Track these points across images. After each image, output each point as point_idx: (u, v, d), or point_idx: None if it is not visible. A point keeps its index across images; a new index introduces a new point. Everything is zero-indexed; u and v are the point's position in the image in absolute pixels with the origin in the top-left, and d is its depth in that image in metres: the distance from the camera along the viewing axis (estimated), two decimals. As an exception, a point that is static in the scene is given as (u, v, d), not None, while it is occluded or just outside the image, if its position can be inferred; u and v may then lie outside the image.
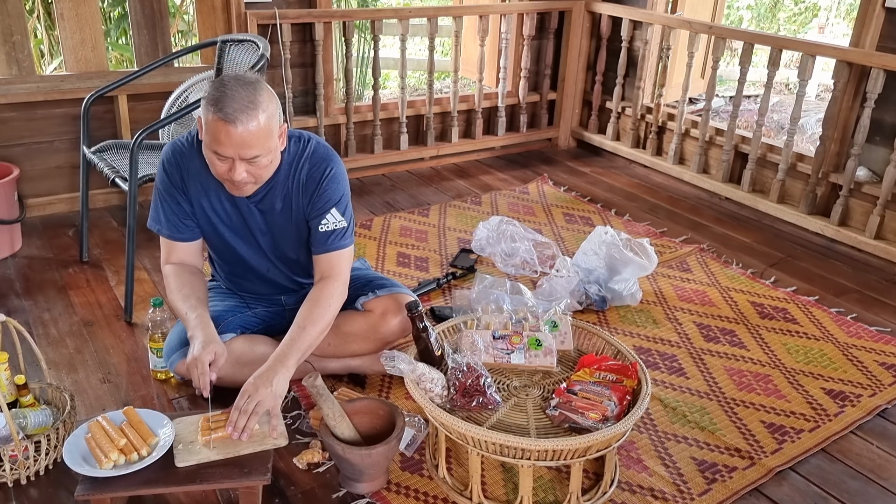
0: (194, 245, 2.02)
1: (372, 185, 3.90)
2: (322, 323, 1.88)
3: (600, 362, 1.87)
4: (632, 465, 1.94)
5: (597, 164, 4.34)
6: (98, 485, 1.60)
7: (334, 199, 1.94)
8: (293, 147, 1.94)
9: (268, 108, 1.73)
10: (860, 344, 2.54)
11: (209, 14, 3.43)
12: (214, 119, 1.69)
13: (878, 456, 2.03)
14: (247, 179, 1.80)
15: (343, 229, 1.96)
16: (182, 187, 1.94)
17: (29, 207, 3.20)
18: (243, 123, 1.68)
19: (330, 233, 1.94)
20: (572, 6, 4.28)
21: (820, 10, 7.71)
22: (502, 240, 3.02)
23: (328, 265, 1.96)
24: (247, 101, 1.69)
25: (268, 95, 1.75)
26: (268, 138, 1.75)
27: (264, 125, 1.72)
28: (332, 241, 1.95)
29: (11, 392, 1.87)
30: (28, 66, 3.18)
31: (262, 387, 1.71)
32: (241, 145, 1.71)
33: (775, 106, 5.59)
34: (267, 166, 1.82)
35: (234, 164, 1.75)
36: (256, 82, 1.75)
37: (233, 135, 1.69)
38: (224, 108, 1.67)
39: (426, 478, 1.87)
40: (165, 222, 1.98)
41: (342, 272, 1.97)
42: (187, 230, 1.99)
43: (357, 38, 5.20)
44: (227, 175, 1.78)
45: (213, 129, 1.71)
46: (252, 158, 1.75)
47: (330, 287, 1.93)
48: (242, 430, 1.67)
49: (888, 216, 3.21)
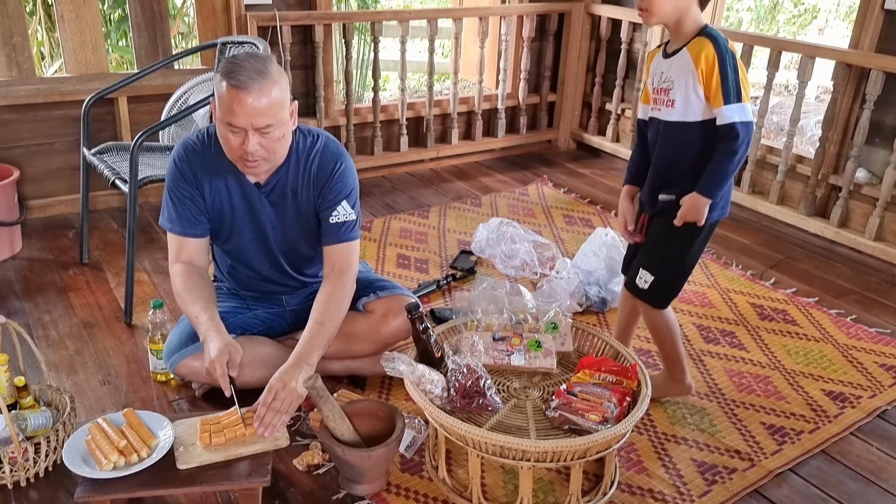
0: (203, 242, 2.02)
1: (372, 186, 3.90)
2: (339, 318, 1.91)
3: (600, 364, 1.87)
4: (632, 466, 1.94)
5: (596, 166, 4.34)
6: (98, 486, 1.60)
7: (345, 191, 1.98)
8: (304, 140, 1.97)
9: (279, 80, 1.78)
10: (860, 345, 2.54)
11: (209, 16, 3.44)
12: (228, 88, 1.73)
13: (877, 457, 2.03)
14: (260, 153, 1.81)
15: (353, 222, 1.99)
16: (195, 182, 1.96)
17: (29, 209, 3.21)
18: (256, 91, 1.72)
19: (341, 224, 1.97)
20: (572, 8, 4.29)
21: (819, 12, 7.71)
22: (502, 241, 3.02)
23: (340, 256, 1.98)
24: (258, 71, 1.74)
25: (278, 69, 1.80)
26: (279, 109, 1.78)
27: (276, 95, 1.76)
28: (344, 231, 1.98)
29: (11, 394, 1.87)
30: (28, 68, 3.18)
31: (288, 383, 1.73)
32: (254, 114, 1.74)
33: (775, 107, 5.59)
34: (279, 140, 1.83)
35: (248, 135, 1.77)
36: (267, 57, 1.82)
37: (245, 102, 1.72)
38: (237, 75, 1.72)
39: (426, 479, 1.87)
40: (178, 219, 1.98)
41: (353, 264, 2.00)
42: (199, 225, 1.99)
43: (357, 39, 5.21)
44: (240, 150, 1.80)
45: (227, 100, 1.74)
46: (264, 128, 1.77)
47: (343, 280, 1.96)
48: (270, 427, 1.69)
49: (888, 218, 3.21)
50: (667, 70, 1.89)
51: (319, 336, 1.85)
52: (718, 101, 1.78)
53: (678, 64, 1.85)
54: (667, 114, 1.90)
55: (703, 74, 1.79)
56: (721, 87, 1.77)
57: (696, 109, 1.84)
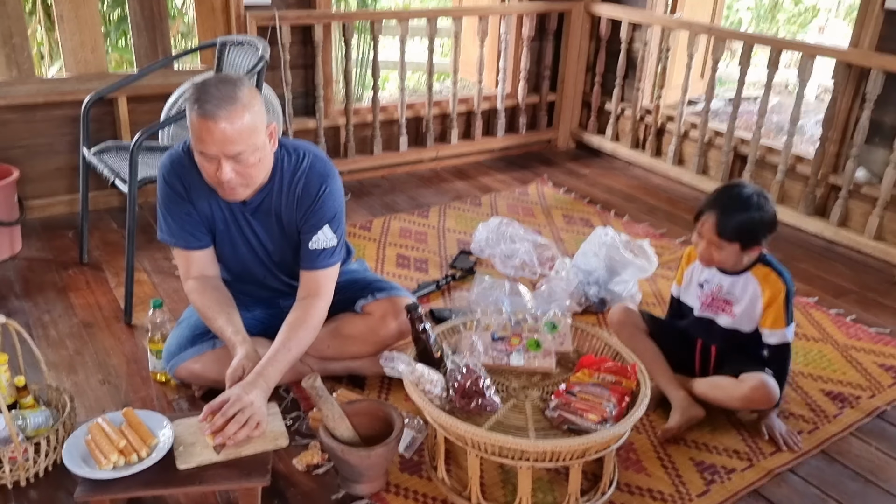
0: (209, 252, 2.01)
1: (371, 186, 3.90)
2: (305, 344, 1.88)
3: (599, 364, 1.87)
4: (630, 466, 1.94)
5: (596, 166, 4.34)
6: (97, 486, 1.60)
7: (328, 216, 1.93)
8: (289, 159, 1.92)
9: (249, 104, 1.72)
10: (859, 345, 2.55)
11: (209, 16, 3.44)
12: (195, 117, 1.69)
13: (876, 457, 2.03)
14: (236, 181, 1.78)
15: (333, 248, 1.94)
16: (186, 196, 1.93)
17: (29, 209, 3.21)
18: (224, 119, 1.68)
19: (320, 251, 1.93)
20: (572, 7, 4.29)
21: (819, 11, 7.71)
22: (502, 241, 3.02)
23: (315, 284, 1.94)
24: (226, 97, 1.68)
25: (250, 92, 1.75)
26: (251, 134, 1.73)
27: (247, 121, 1.71)
28: (321, 259, 1.94)
29: (11, 394, 1.87)
30: (28, 68, 3.18)
31: (244, 396, 1.67)
32: (224, 141, 1.70)
33: (774, 107, 5.59)
34: (255, 165, 1.79)
35: (221, 163, 1.73)
36: (238, 80, 1.75)
37: (214, 131, 1.68)
38: (204, 104, 1.67)
39: (425, 479, 1.87)
40: (179, 232, 1.95)
41: (327, 291, 1.96)
42: (202, 237, 1.97)
43: (356, 39, 5.20)
44: (215, 177, 1.77)
45: (197, 128, 1.71)
46: (236, 155, 1.73)
47: (314, 307, 1.92)
48: (226, 436, 1.63)
49: (887, 217, 3.21)
50: (729, 286, 2.09)
51: (283, 359, 1.81)
52: (780, 324, 2.02)
53: (743, 285, 2.07)
54: (724, 320, 2.11)
55: (768, 302, 2.03)
56: (784, 314, 2.02)
57: (749, 322, 2.08)
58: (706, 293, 2.14)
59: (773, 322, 2.02)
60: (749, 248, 2.00)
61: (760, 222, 1.98)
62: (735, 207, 1.97)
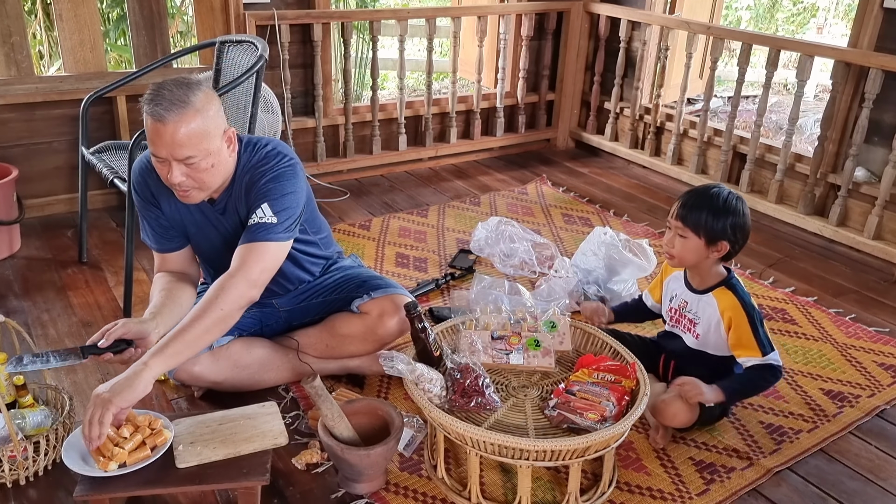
0: (183, 254, 2.04)
1: (370, 185, 3.90)
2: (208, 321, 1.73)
3: (599, 363, 1.87)
4: (630, 465, 1.94)
5: (595, 165, 4.34)
6: (97, 485, 1.60)
7: (270, 196, 1.84)
8: (247, 155, 1.90)
9: (203, 108, 1.70)
10: (859, 344, 2.55)
11: (208, 15, 3.43)
12: (147, 118, 1.70)
13: (876, 456, 2.03)
14: (188, 184, 1.77)
15: (270, 224, 1.82)
16: (154, 202, 1.95)
17: (28, 208, 3.20)
18: (173, 122, 1.67)
19: (254, 225, 1.82)
20: (571, 7, 4.29)
21: (818, 11, 7.71)
22: (501, 240, 3.02)
23: (239, 257, 1.82)
24: (178, 100, 1.67)
25: (205, 97, 1.73)
26: (202, 139, 1.71)
27: (197, 126, 1.69)
28: (252, 232, 1.82)
29: (10, 393, 1.87)
30: (27, 67, 3.18)
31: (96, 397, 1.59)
32: (173, 144, 1.69)
33: (773, 106, 5.60)
34: (207, 170, 1.76)
35: (171, 165, 1.73)
36: (194, 83, 1.73)
37: (163, 133, 1.68)
38: (155, 106, 1.67)
39: (425, 478, 1.87)
40: (152, 235, 2.00)
41: (250, 268, 1.80)
42: (174, 240, 2.01)
43: (356, 38, 5.21)
44: (167, 178, 1.77)
45: (148, 130, 1.71)
46: (186, 160, 1.72)
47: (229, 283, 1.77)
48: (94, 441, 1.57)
49: (886, 216, 3.21)
50: (694, 305, 2.05)
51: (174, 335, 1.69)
52: (756, 353, 1.94)
53: (704, 305, 2.02)
54: (689, 339, 2.08)
55: (727, 325, 1.98)
56: (756, 341, 1.94)
57: (716, 347, 2.04)
58: (673, 307, 2.12)
59: (744, 350, 1.95)
60: (713, 246, 1.93)
61: (726, 218, 1.91)
62: (705, 197, 1.94)
